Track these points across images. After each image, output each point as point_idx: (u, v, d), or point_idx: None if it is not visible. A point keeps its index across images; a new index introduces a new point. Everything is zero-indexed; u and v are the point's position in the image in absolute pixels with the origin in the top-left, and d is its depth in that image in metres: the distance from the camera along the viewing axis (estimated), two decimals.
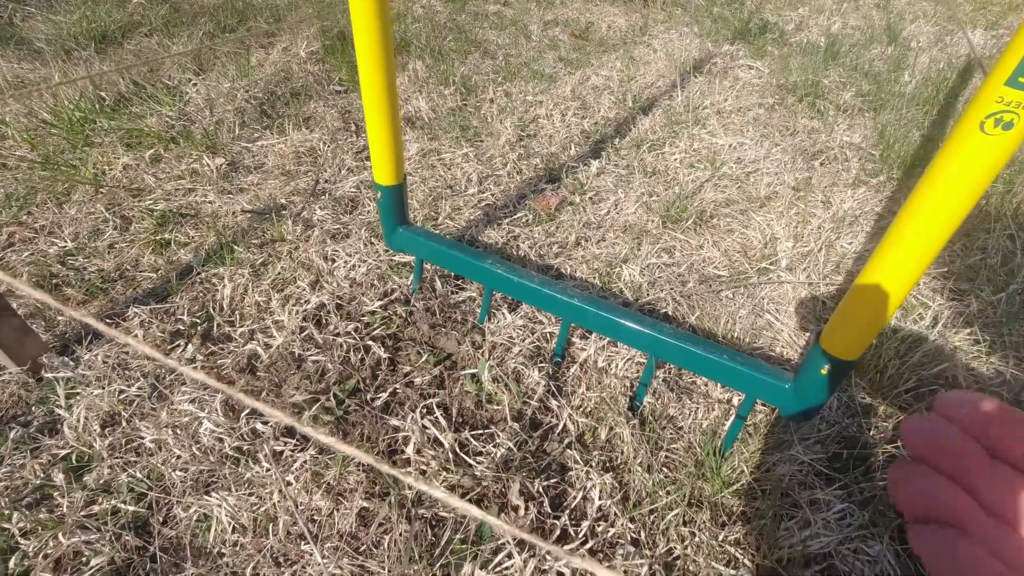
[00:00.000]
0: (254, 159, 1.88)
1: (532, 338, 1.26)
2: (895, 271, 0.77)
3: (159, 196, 1.70)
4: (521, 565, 0.88)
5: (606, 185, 1.83)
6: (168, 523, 0.98)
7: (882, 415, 1.16)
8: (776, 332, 1.37)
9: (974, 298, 1.42)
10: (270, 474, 1.00)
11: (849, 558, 0.94)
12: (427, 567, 0.90)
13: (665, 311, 1.40)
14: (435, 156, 1.92)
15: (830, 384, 0.93)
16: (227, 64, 2.31)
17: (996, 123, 0.62)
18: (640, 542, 0.97)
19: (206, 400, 1.11)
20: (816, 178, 1.87)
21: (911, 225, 0.72)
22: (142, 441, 1.06)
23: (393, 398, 1.13)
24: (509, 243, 1.60)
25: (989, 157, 0.64)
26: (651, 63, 2.60)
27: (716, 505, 1.03)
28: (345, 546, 0.93)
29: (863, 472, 1.07)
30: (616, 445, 1.09)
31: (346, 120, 2.10)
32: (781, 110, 2.27)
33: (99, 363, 1.20)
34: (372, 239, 1.54)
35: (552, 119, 2.16)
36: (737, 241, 1.65)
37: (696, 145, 2.03)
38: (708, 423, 1.15)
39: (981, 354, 1.28)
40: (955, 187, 0.67)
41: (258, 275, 1.43)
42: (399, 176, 1.20)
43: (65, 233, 1.56)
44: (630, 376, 1.21)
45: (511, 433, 1.06)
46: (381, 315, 1.30)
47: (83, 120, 1.93)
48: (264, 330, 1.28)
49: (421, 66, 2.40)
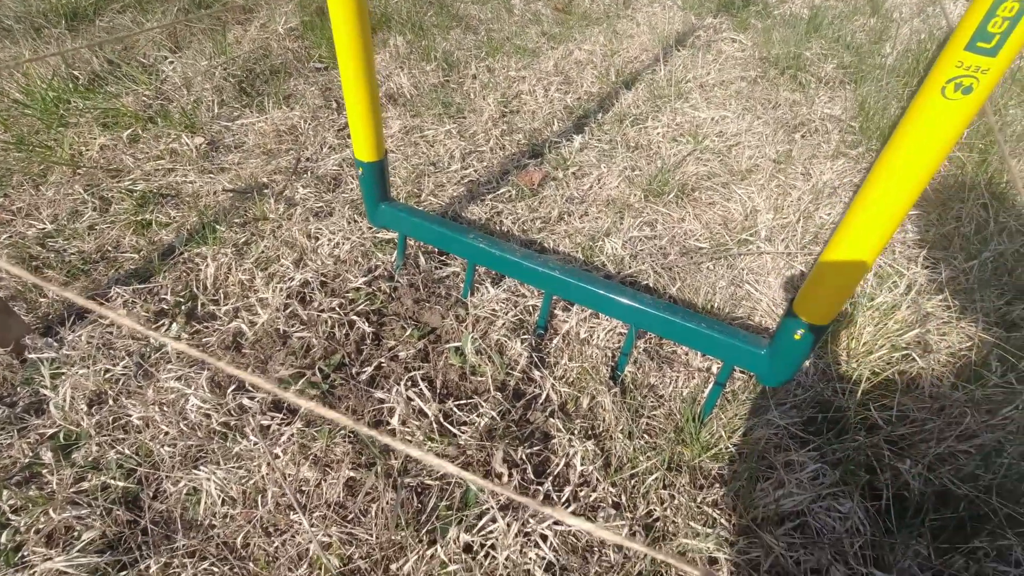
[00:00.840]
0: (234, 138, 1.86)
1: (515, 311, 1.28)
2: (863, 237, 0.79)
3: (138, 176, 1.68)
4: (505, 528, 0.91)
5: (589, 160, 1.84)
6: (158, 497, 1.00)
7: (856, 380, 1.20)
8: (755, 302, 1.40)
9: (947, 266, 1.46)
10: (258, 447, 1.02)
11: (821, 515, 0.98)
12: (414, 533, 0.93)
13: (647, 283, 1.42)
14: (418, 133, 1.91)
15: (804, 349, 0.96)
16: (204, 41, 2.26)
17: (956, 88, 0.64)
18: (621, 505, 1.01)
19: (192, 377, 1.12)
20: (797, 150, 1.89)
21: (877, 191, 0.74)
22: (129, 418, 1.07)
23: (378, 372, 1.15)
24: (492, 219, 1.60)
25: (950, 121, 0.65)
26: (634, 37, 2.59)
27: (695, 469, 1.07)
28: (333, 515, 0.95)
29: (836, 434, 1.10)
30: (598, 413, 1.12)
31: (327, 98, 2.08)
32: (763, 83, 2.28)
33: (83, 343, 1.20)
34: (355, 216, 1.54)
35: (535, 94, 2.15)
36: (718, 214, 1.66)
37: (679, 119, 2.04)
38: (688, 391, 1.18)
39: (952, 319, 1.32)
40: (919, 152, 0.69)
41: (241, 254, 1.43)
42: (380, 152, 1.20)
43: (44, 215, 1.55)
44: (611, 346, 1.23)
45: (494, 403, 1.08)
46: (365, 291, 1.31)
47: (56, 100, 1.90)
48: (249, 308, 1.28)
49: (402, 42, 2.37)
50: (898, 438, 1.08)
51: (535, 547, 0.90)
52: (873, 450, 1.06)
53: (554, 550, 0.91)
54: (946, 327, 1.30)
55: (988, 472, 1.04)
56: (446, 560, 0.89)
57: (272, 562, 0.92)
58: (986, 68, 0.62)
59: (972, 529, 0.98)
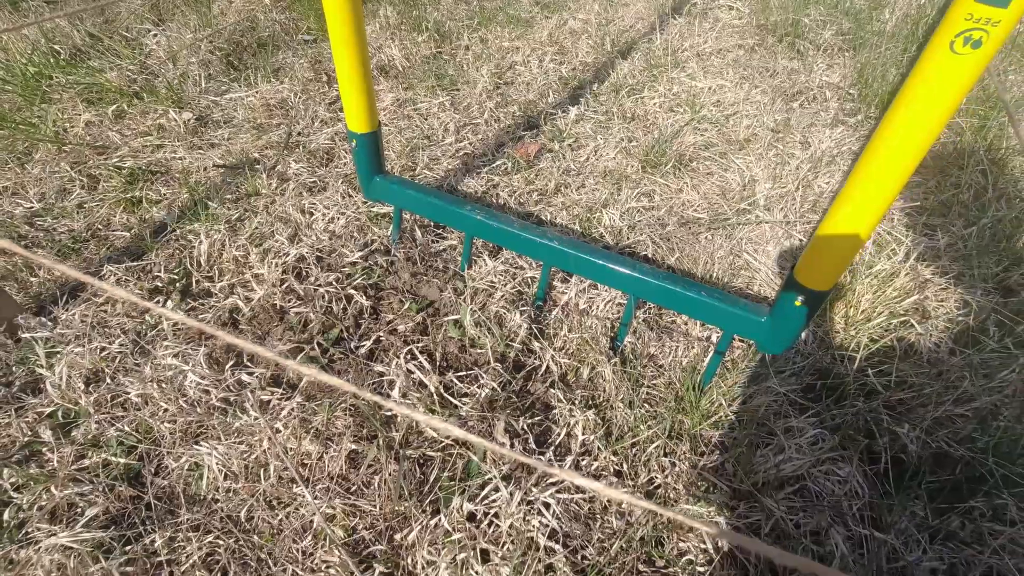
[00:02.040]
0: (223, 113, 1.82)
1: (514, 283, 1.27)
2: (867, 199, 0.78)
3: (126, 153, 1.65)
4: (507, 497, 0.91)
5: (585, 131, 1.81)
6: (160, 473, 1.00)
7: (855, 347, 1.20)
8: (754, 271, 1.39)
9: (945, 232, 1.45)
10: (258, 422, 1.01)
11: (820, 479, 0.99)
12: (417, 503, 0.93)
13: (645, 254, 1.41)
14: (411, 106, 1.88)
15: (805, 316, 0.96)
16: (188, 13, 2.20)
17: (965, 42, 0.62)
18: (623, 473, 1.01)
19: (189, 354, 1.11)
20: (795, 119, 1.87)
21: (882, 151, 0.73)
22: (128, 396, 1.07)
23: (377, 345, 1.14)
24: (489, 192, 1.58)
25: (959, 77, 0.64)
26: (630, 5, 2.54)
27: (695, 437, 1.07)
28: (336, 487, 0.95)
29: (835, 401, 1.11)
30: (598, 383, 1.12)
31: (317, 71, 2.03)
32: (761, 51, 2.24)
33: (77, 322, 1.19)
34: (350, 191, 1.52)
35: (529, 65, 2.11)
36: (716, 184, 1.65)
37: (676, 89, 2.01)
38: (688, 360, 1.18)
39: (950, 286, 1.32)
40: (926, 110, 0.68)
41: (235, 230, 1.41)
42: (373, 123, 1.18)
43: (30, 193, 1.52)
44: (611, 317, 1.23)
45: (495, 375, 1.08)
46: (362, 265, 1.30)
47: (38, 75, 1.85)
48: (244, 284, 1.27)
49: (392, 12, 2.31)
50: (896, 403, 1.09)
51: (538, 515, 0.91)
52: (872, 415, 1.07)
53: (557, 517, 0.92)
54: (944, 293, 1.31)
55: (984, 434, 1.05)
56: (450, 529, 0.90)
57: (276, 534, 0.92)
58: (997, 20, 0.60)
59: (968, 490, 0.99)
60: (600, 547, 0.92)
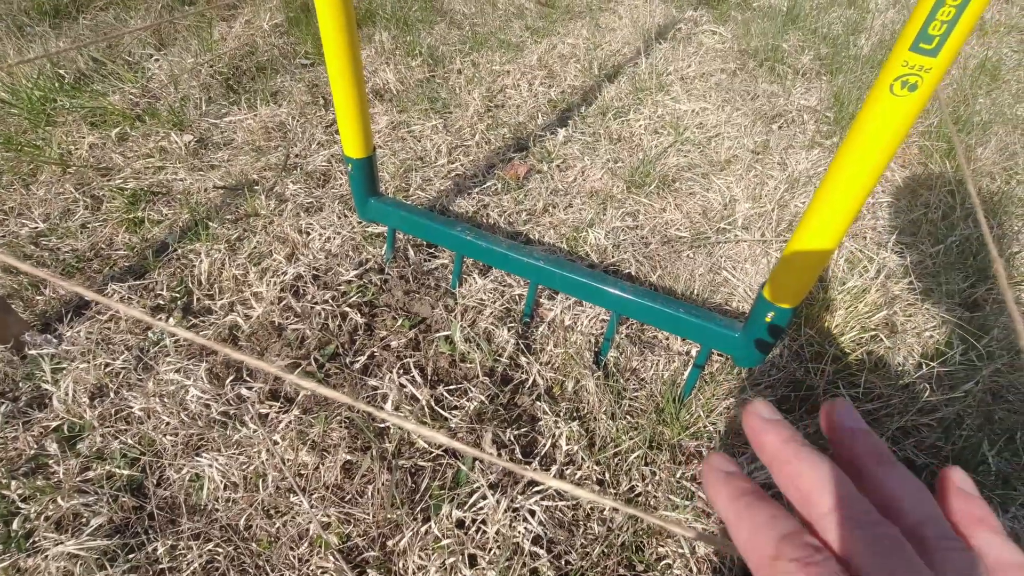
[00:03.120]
0: (223, 135, 1.88)
1: (502, 300, 1.32)
2: (825, 225, 0.85)
3: (128, 175, 1.70)
4: (494, 504, 0.96)
5: (573, 153, 1.88)
6: (162, 484, 1.04)
7: (828, 360, 1.26)
8: (733, 288, 1.45)
9: (914, 251, 1.53)
10: (257, 435, 1.06)
11: None
12: (409, 511, 0.98)
13: (629, 271, 1.47)
14: (404, 128, 1.95)
15: (776, 331, 1.02)
16: (189, 38, 2.27)
17: (903, 85, 0.69)
18: (605, 482, 1.06)
19: (191, 369, 1.16)
20: (774, 141, 1.95)
21: (836, 182, 0.80)
22: (131, 410, 1.11)
23: (371, 360, 1.19)
24: (479, 211, 1.65)
25: (899, 115, 0.71)
26: (616, 30, 2.63)
27: (675, 447, 1.13)
28: (332, 496, 1.00)
29: (807, 411, 1.17)
30: (582, 396, 1.17)
31: (314, 94, 2.10)
32: (742, 75, 2.33)
33: (82, 339, 1.24)
34: (345, 211, 1.58)
35: (519, 89, 2.19)
36: (698, 203, 1.72)
37: (660, 111, 2.09)
38: (668, 374, 1.24)
39: (918, 301, 1.39)
40: (873, 143, 0.75)
41: (234, 249, 1.46)
42: (368, 148, 1.24)
43: (35, 214, 1.57)
44: (595, 332, 1.29)
45: (483, 388, 1.13)
46: (357, 284, 1.35)
47: (43, 99, 1.91)
48: (243, 302, 1.32)
49: (387, 37, 2.39)
50: (864, 413, 1.15)
51: (523, 521, 0.96)
52: None
53: (541, 524, 0.97)
54: (912, 309, 1.37)
55: (948, 443, 1.11)
56: (440, 535, 0.94)
57: (274, 542, 0.97)
58: (928, 67, 0.67)
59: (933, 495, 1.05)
60: (583, 552, 0.96)
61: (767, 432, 0.29)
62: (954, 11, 0.63)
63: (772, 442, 0.29)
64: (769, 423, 0.29)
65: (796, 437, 0.28)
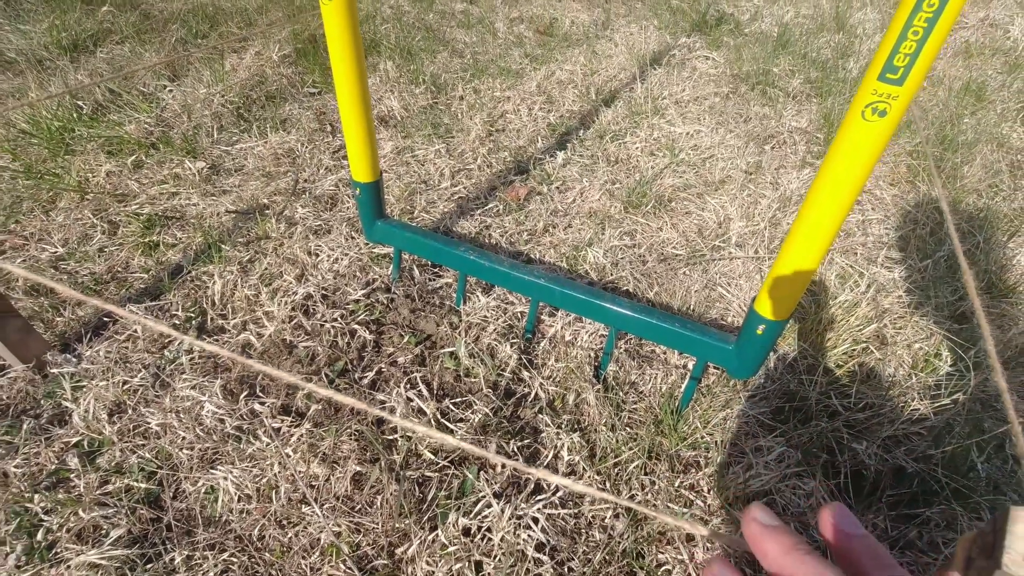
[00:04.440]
0: (234, 162, 1.95)
1: (505, 317, 1.37)
2: (809, 242, 0.90)
3: (144, 201, 1.77)
4: (499, 512, 0.99)
5: (572, 175, 1.95)
6: (178, 497, 1.08)
7: (821, 372, 1.30)
8: (728, 303, 1.50)
9: (904, 265, 1.58)
10: (270, 448, 1.10)
11: (787, 493, 1.08)
12: (417, 519, 1.01)
13: (627, 289, 1.52)
14: (409, 153, 2.02)
15: (767, 343, 1.06)
16: (201, 69, 2.36)
17: (873, 111, 0.75)
18: (606, 491, 1.10)
19: (206, 386, 1.20)
20: (766, 161, 2.01)
21: (817, 202, 0.85)
22: (148, 425, 1.15)
23: (379, 376, 1.24)
24: (482, 232, 1.70)
25: (871, 139, 0.76)
26: (613, 57, 2.72)
27: (673, 457, 1.16)
28: (342, 506, 1.04)
29: (800, 421, 1.21)
30: (583, 408, 1.21)
31: (321, 121, 2.18)
32: (735, 98, 2.41)
33: (101, 358, 1.29)
34: (352, 233, 1.64)
35: (519, 114, 2.27)
36: (694, 222, 1.78)
37: (656, 134, 2.16)
38: (666, 387, 1.28)
39: (907, 314, 1.43)
40: (848, 166, 0.80)
41: (246, 271, 1.51)
42: (375, 173, 1.30)
43: (55, 239, 1.63)
44: (594, 347, 1.33)
45: (487, 401, 1.17)
46: (365, 303, 1.40)
47: (62, 129, 1.99)
48: (256, 321, 1.37)
49: (392, 66, 2.48)
50: (856, 422, 1.19)
51: (527, 529, 0.99)
52: (833, 433, 1.16)
53: (544, 531, 1.00)
54: (902, 321, 1.42)
55: (938, 450, 1.14)
56: (446, 543, 0.98)
57: (286, 551, 1.00)
58: (896, 95, 0.73)
59: (924, 502, 1.08)
60: (584, 559, 1.00)
61: (768, 540, 0.29)
62: (915, 45, 0.69)
63: (774, 551, 0.29)
64: (769, 530, 0.30)
65: (799, 546, 0.29)
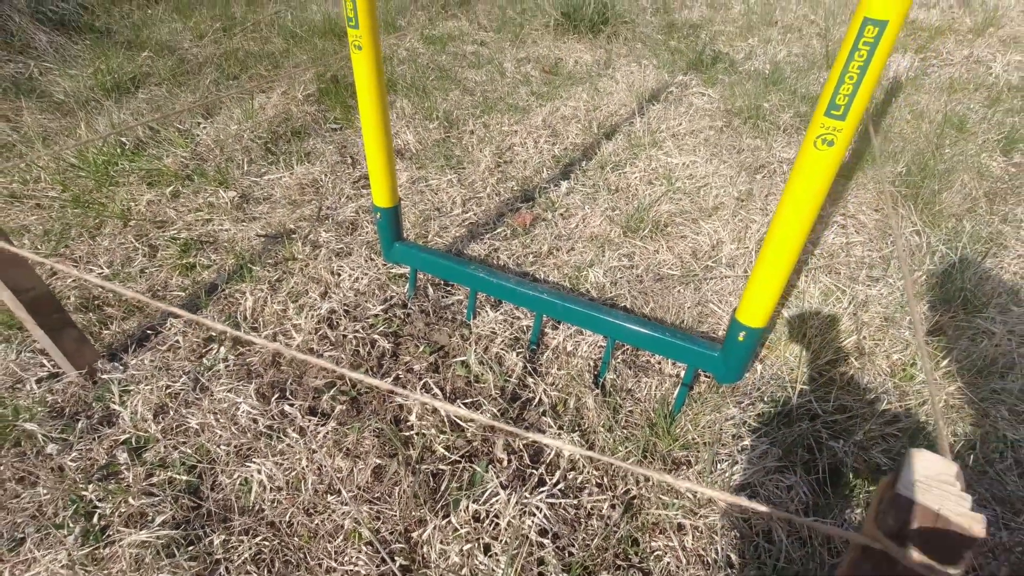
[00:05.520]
0: (263, 191, 2.12)
1: (511, 330, 1.50)
2: (777, 256, 1.02)
3: (181, 226, 1.93)
4: (506, 500, 1.10)
5: (575, 202, 2.09)
6: (216, 488, 1.19)
7: (803, 380, 1.41)
8: (719, 318, 1.62)
9: (883, 284, 1.69)
10: (299, 444, 1.22)
11: (770, 487, 1.18)
12: (431, 507, 1.12)
13: (624, 305, 1.64)
14: (423, 183, 2.18)
15: (748, 349, 1.18)
16: (232, 108, 2.56)
17: (823, 142, 0.88)
18: (603, 485, 1.20)
19: (241, 389, 1.33)
20: (757, 189, 2.15)
21: (781, 221, 0.98)
22: (189, 424, 1.28)
23: (397, 381, 1.36)
24: (491, 255, 1.84)
25: (822, 166, 0.90)
26: (614, 93, 2.90)
27: (666, 456, 1.26)
28: (364, 495, 1.15)
29: (784, 423, 1.31)
30: (583, 412, 1.32)
31: (343, 154, 2.35)
32: (728, 131, 2.56)
33: (146, 365, 1.42)
34: (372, 255, 1.78)
35: (526, 146, 2.43)
36: (688, 245, 1.90)
37: (654, 164, 2.31)
38: (660, 393, 1.39)
39: (885, 327, 1.53)
40: (804, 190, 0.93)
41: (275, 289, 1.66)
42: (395, 199, 1.45)
43: (101, 261, 1.79)
44: (593, 357, 1.45)
45: (495, 404, 1.29)
46: (383, 317, 1.53)
47: (107, 163, 2.17)
48: (284, 332, 1.50)
49: (407, 104, 2.67)
50: (834, 423, 1.28)
51: (531, 516, 1.10)
52: (813, 434, 1.26)
53: (547, 519, 1.10)
54: (880, 334, 1.52)
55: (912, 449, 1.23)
56: (458, 527, 1.08)
57: (313, 536, 1.11)
58: (840, 128, 0.86)
59: None
60: (583, 544, 1.09)
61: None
62: (852, 87, 0.82)
63: None
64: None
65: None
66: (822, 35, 3.75)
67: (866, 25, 0.76)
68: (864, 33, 0.77)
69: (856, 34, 0.78)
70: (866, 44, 0.78)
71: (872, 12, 0.75)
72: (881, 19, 0.75)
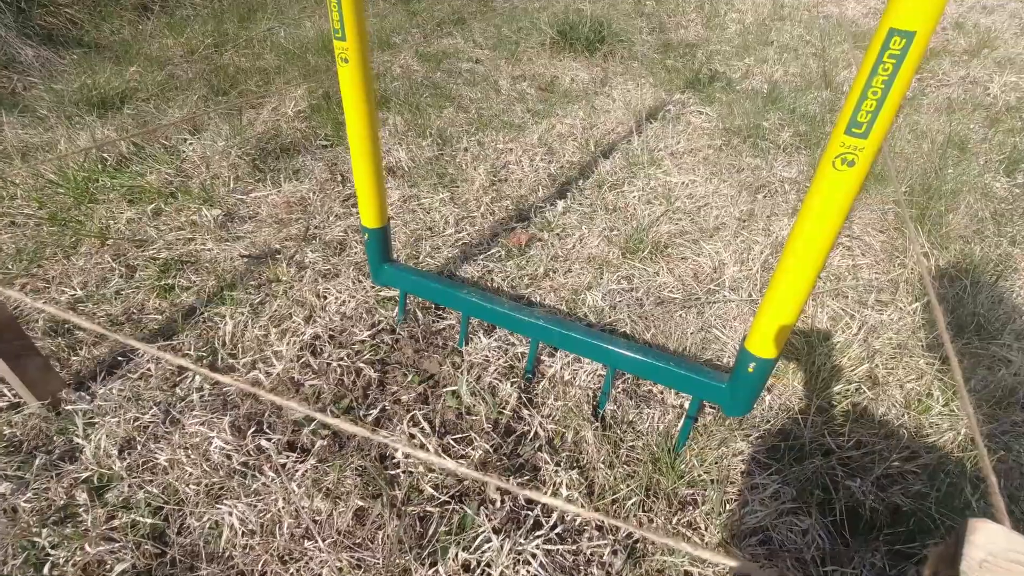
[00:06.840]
0: (249, 209, 2.04)
1: (506, 357, 1.41)
2: (791, 284, 0.95)
3: (161, 246, 1.85)
4: (498, 547, 1.01)
5: (571, 222, 2.03)
6: (182, 532, 1.10)
7: (814, 411, 1.33)
8: (723, 344, 1.54)
9: (894, 308, 1.62)
10: (275, 483, 1.12)
11: (783, 530, 1.09)
12: (417, 555, 1.03)
13: (624, 331, 1.57)
14: (415, 202, 2.11)
15: (758, 380, 1.10)
16: (220, 124, 2.50)
17: (843, 162, 0.82)
18: (604, 527, 1.11)
19: (215, 422, 1.24)
20: (758, 209, 2.09)
21: (796, 247, 0.91)
22: (157, 461, 1.18)
23: (383, 413, 1.27)
24: (484, 276, 1.77)
25: (842, 187, 0.83)
26: (611, 111, 2.86)
27: (670, 494, 1.18)
28: (344, 541, 1.05)
29: (795, 460, 1.22)
30: (582, 447, 1.24)
31: (332, 172, 2.29)
32: (728, 150, 2.52)
33: (114, 395, 1.33)
34: (360, 277, 1.70)
35: (521, 165, 2.38)
36: (689, 267, 1.84)
37: (652, 184, 2.25)
38: (664, 426, 1.31)
39: (898, 355, 1.46)
40: (823, 211, 0.86)
41: (256, 312, 1.57)
42: (383, 219, 1.38)
43: (74, 282, 1.70)
44: (592, 387, 1.37)
45: (488, 438, 1.20)
46: (370, 343, 1.45)
47: (87, 180, 2.09)
48: (265, 360, 1.41)
49: (400, 120, 2.62)
50: (850, 460, 1.20)
51: (526, 564, 1.00)
52: (828, 471, 1.18)
53: (543, 567, 1.01)
54: (893, 362, 1.45)
55: (933, 489, 1.15)
56: None
57: None
58: (862, 147, 0.80)
59: (920, 540, 1.09)
60: None
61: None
62: (875, 104, 0.76)
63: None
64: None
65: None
66: (818, 55, 3.74)
67: (892, 36, 0.70)
68: (890, 45, 0.71)
69: (881, 46, 0.71)
70: (892, 57, 0.71)
71: (898, 22, 0.69)
72: (909, 30, 0.69)
